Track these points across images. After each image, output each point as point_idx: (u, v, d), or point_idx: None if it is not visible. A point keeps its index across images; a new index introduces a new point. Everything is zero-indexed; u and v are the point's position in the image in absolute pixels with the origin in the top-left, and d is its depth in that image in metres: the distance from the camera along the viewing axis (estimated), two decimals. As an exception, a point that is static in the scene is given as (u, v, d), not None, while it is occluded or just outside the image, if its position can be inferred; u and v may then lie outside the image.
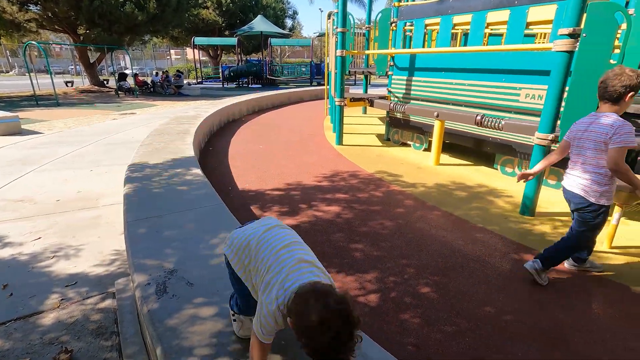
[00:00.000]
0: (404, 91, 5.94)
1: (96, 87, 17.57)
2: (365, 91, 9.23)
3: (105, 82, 18.74)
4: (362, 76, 9.52)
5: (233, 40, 20.99)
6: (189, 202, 2.80)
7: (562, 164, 4.06)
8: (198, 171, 3.63)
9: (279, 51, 31.48)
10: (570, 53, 2.92)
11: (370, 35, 8.01)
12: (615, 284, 2.43)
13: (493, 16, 4.63)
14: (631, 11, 3.22)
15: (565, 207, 3.68)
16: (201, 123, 6.32)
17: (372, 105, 6.22)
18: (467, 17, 4.81)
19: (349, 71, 8.33)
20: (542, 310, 2.16)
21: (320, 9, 30.25)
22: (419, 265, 2.61)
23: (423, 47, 6.48)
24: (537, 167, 2.57)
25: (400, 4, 5.88)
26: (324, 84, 9.78)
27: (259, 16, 21.34)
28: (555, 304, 2.21)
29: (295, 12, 30.13)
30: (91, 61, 18.08)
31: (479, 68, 4.69)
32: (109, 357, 1.83)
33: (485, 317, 2.09)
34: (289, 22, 29.82)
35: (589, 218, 2.24)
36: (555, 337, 1.96)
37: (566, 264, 2.63)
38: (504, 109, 4.45)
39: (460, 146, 5.47)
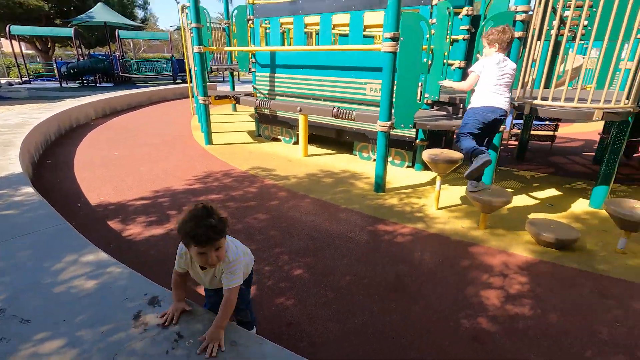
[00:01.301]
0: (268, 87, 6.11)
1: None
2: (233, 88, 9.10)
3: None
4: (229, 73, 9.34)
5: (68, 31, 17.69)
6: (20, 228, 2.34)
7: (401, 145, 4.84)
8: (30, 189, 3.03)
9: (131, 45, 27.99)
10: (394, 53, 3.52)
11: (230, 31, 7.90)
12: (440, 237, 3.09)
13: (338, 18, 5.16)
14: (433, 20, 4.05)
15: (406, 181, 4.45)
16: (30, 132, 5.21)
17: (239, 102, 6.20)
18: (317, 18, 5.24)
19: (211, 68, 8.07)
20: (389, 267, 2.61)
21: (176, 0, 27.97)
22: (291, 251, 2.80)
23: (283, 44, 6.76)
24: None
25: (255, 1, 5.98)
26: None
27: (100, 4, 18.49)
28: (398, 261, 2.69)
29: (146, 2, 27.09)
30: None
31: (332, 65, 5.19)
32: None
33: (347, 285, 2.40)
34: (140, 13, 26.70)
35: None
36: (398, 286, 2.40)
37: (469, 187, 3.18)
38: (355, 102, 5.05)
39: (325, 137, 5.97)
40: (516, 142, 5.93)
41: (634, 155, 5.68)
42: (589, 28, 3.30)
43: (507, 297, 2.30)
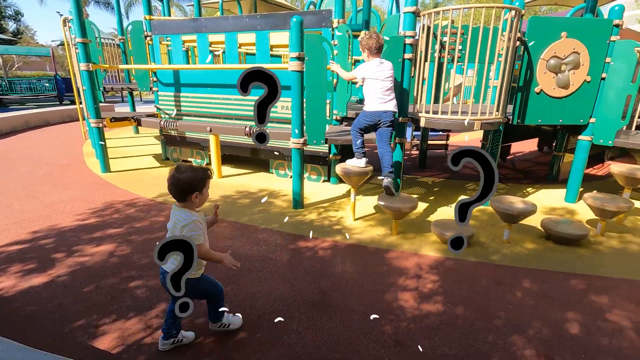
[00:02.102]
0: (174, 107, 5.73)
1: None
2: (133, 109, 8.34)
3: None
4: (128, 92, 8.53)
5: None
6: None
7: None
8: None
9: (0, 61, 23.76)
10: (301, 72, 3.61)
11: (126, 48, 7.26)
12: (359, 247, 3.20)
13: (243, 37, 5.12)
14: (335, 42, 4.29)
15: (323, 196, 4.55)
16: None
17: (140, 124, 5.68)
18: (222, 37, 5.13)
19: (105, 87, 7.28)
20: (312, 284, 2.59)
21: (58, 12, 24.77)
22: (208, 282, 2.59)
23: (187, 62, 6.45)
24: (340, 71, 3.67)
25: (152, 17, 5.60)
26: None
27: (-47, 12, 15.43)
28: (321, 276, 2.70)
29: (18, 13, 23.46)
30: None
31: (241, 84, 5.09)
32: None
33: (271, 310, 2.30)
34: (10, 25, 23.01)
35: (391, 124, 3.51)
36: (323, 302, 2.39)
37: (386, 181, 3.43)
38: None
39: (240, 156, 5.81)
40: (417, 152, 6.56)
41: (507, 157, 6.75)
42: (463, 52, 3.84)
43: (422, 297, 2.46)
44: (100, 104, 5.62)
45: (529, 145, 7.74)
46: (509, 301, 2.44)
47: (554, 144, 5.79)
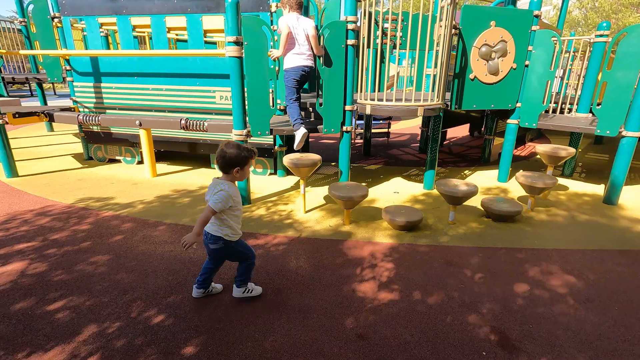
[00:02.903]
0: (94, 100, 5.08)
1: None
2: (44, 102, 7.26)
3: None
4: (36, 84, 7.39)
5: None
6: None
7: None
8: None
9: None
10: (240, 58, 3.35)
11: (29, 32, 6.24)
12: (312, 240, 3.09)
13: (173, 21, 4.66)
14: (275, 27, 4.07)
15: (271, 189, 4.36)
16: None
17: (53, 119, 4.93)
18: (147, 20, 4.61)
19: (4, 77, 6.20)
20: (267, 284, 2.42)
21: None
22: (147, 294, 2.29)
23: (108, 48, 5.75)
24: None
25: (59, -5, 4.84)
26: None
27: None
28: (275, 275, 2.54)
29: None
30: None
31: (174, 73, 4.66)
32: None
33: (223, 317, 2.10)
34: None
35: None
36: (280, 303, 2.24)
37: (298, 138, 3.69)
38: (206, 111, 4.67)
39: (177, 152, 5.35)
40: (361, 141, 6.63)
41: (444, 142, 7.13)
42: (404, 39, 3.88)
43: (379, 286, 2.43)
44: (3, 99, 4.78)
45: (461, 131, 8.27)
46: (460, 280, 2.51)
47: (482, 129, 6.21)
